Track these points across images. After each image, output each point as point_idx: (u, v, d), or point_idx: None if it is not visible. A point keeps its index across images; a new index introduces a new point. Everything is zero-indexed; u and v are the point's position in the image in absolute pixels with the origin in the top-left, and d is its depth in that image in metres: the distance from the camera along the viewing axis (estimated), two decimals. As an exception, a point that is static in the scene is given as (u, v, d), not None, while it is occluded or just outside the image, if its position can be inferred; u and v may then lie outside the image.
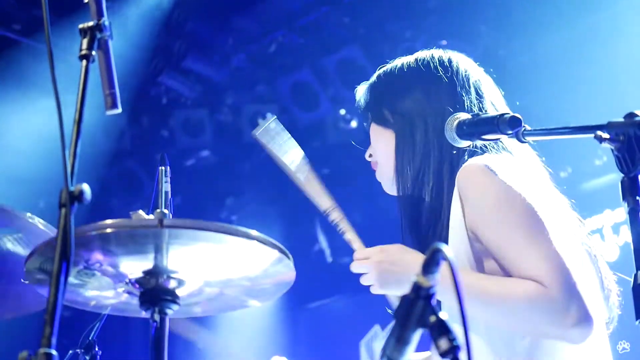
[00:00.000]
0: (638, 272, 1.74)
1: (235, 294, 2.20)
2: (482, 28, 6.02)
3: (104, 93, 1.81)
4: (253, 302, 2.27)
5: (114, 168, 7.02)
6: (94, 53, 1.77)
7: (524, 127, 2.08)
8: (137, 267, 2.02)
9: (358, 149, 2.70)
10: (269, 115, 2.74)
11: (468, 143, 2.23)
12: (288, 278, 2.12)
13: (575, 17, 5.62)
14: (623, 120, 1.84)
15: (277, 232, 6.68)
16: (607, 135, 1.84)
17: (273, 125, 2.54)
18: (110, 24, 1.81)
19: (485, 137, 2.16)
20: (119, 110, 1.81)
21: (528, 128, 2.08)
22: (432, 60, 2.48)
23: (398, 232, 2.45)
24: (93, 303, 2.24)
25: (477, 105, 2.40)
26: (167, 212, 2.21)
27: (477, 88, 2.44)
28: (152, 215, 2.14)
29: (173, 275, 2.03)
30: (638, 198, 1.78)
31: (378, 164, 2.54)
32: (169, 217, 2.19)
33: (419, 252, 2.33)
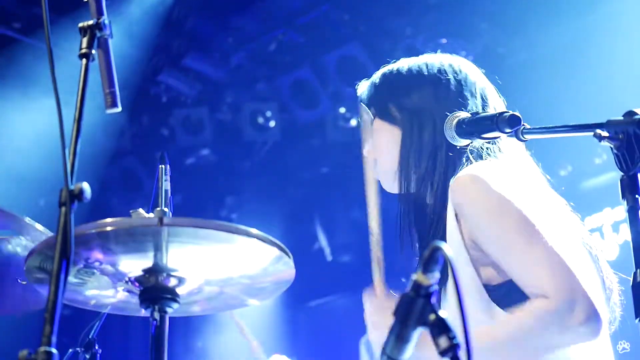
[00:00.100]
0: (637, 270, 1.74)
1: (235, 293, 2.20)
2: (481, 26, 6.02)
3: (104, 92, 1.81)
4: (253, 300, 2.27)
5: (114, 167, 7.02)
6: (94, 52, 1.77)
7: (523, 125, 2.07)
8: (136, 265, 2.02)
9: (358, 147, 2.68)
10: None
11: (467, 142, 2.22)
12: (288, 276, 2.13)
13: (575, 15, 5.62)
14: (622, 119, 1.84)
15: (276, 230, 6.67)
16: (606, 134, 1.84)
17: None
18: (110, 23, 1.81)
19: (485, 135, 2.15)
20: (119, 109, 1.81)
21: (527, 126, 2.07)
22: (441, 63, 2.46)
23: (397, 230, 2.44)
24: (93, 302, 2.24)
25: (481, 110, 2.37)
26: (166, 210, 2.21)
27: (482, 94, 2.43)
28: (152, 214, 2.14)
29: (173, 274, 2.03)
30: (637, 196, 1.78)
31: (378, 161, 2.51)
32: (169, 215, 2.19)
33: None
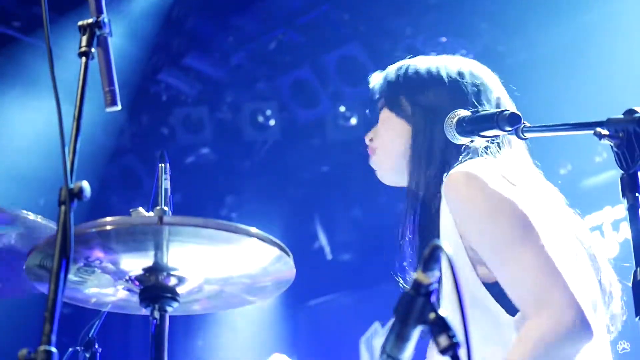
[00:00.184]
0: (638, 268, 1.74)
1: (235, 292, 2.20)
2: (481, 25, 6.02)
3: (104, 90, 1.81)
4: (253, 299, 2.27)
5: (114, 165, 7.02)
6: (94, 50, 1.77)
7: (524, 123, 2.07)
8: (137, 264, 2.02)
9: (358, 146, 2.67)
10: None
11: (467, 140, 2.22)
12: (288, 276, 2.12)
13: (574, 14, 5.62)
14: (622, 117, 1.83)
15: (276, 229, 6.67)
16: (606, 132, 1.84)
17: None
18: (110, 21, 1.81)
19: (485, 133, 2.15)
20: (119, 108, 1.81)
21: (527, 125, 2.07)
22: (462, 67, 2.44)
23: (397, 228, 2.43)
24: (93, 300, 2.24)
25: None
26: (166, 209, 2.21)
27: (498, 102, 2.41)
28: (151, 213, 2.14)
29: (173, 273, 2.03)
30: (637, 195, 1.77)
31: (378, 150, 2.50)
32: (169, 214, 2.19)
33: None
